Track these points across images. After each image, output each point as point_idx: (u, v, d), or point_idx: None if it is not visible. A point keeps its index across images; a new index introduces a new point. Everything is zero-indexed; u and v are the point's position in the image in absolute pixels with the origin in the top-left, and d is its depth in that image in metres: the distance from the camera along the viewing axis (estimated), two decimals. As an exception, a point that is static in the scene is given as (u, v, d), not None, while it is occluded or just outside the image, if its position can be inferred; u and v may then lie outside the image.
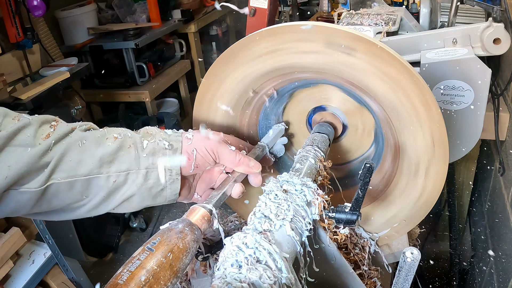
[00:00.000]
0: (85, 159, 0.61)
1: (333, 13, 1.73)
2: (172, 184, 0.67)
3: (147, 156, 0.65)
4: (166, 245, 0.52)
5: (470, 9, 1.25)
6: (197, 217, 0.59)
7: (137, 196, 0.66)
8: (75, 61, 2.46)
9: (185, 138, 0.70)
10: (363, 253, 0.92)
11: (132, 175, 0.64)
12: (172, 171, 0.67)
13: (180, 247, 0.53)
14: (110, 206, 0.66)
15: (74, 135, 0.62)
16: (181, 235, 0.54)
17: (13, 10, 2.07)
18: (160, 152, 0.67)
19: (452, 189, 1.59)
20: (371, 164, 0.69)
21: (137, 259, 0.50)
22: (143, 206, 0.68)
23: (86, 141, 0.62)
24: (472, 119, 0.96)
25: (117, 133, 0.66)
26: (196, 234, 0.57)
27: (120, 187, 0.64)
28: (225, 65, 0.81)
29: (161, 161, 0.66)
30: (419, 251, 0.59)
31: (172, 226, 0.56)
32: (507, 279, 1.16)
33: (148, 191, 0.66)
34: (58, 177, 0.59)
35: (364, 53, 0.69)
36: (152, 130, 0.70)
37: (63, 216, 0.65)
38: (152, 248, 0.52)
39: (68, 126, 0.64)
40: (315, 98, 0.96)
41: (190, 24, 3.36)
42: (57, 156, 0.59)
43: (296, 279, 0.57)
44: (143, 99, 2.86)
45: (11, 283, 1.62)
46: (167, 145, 0.67)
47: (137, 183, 0.65)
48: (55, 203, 0.61)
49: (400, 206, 0.87)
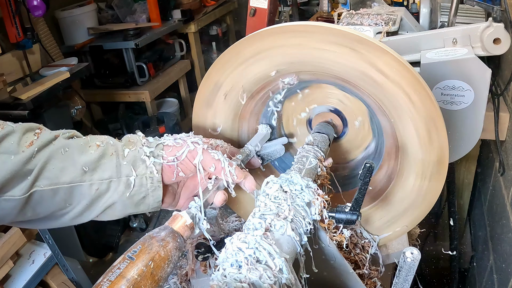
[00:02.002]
0: (67, 167, 0.61)
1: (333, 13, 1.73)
2: (154, 191, 0.67)
3: (127, 164, 0.65)
4: (147, 254, 0.51)
5: (470, 9, 1.25)
6: (180, 224, 0.58)
7: (119, 204, 0.66)
8: (75, 61, 2.46)
9: (166, 146, 0.69)
10: (364, 253, 0.92)
11: (114, 183, 0.64)
12: (153, 179, 0.67)
13: (161, 255, 0.52)
14: (93, 214, 0.66)
15: (57, 143, 0.63)
16: (162, 243, 0.53)
17: (13, 10, 2.07)
18: (140, 160, 0.66)
19: (452, 189, 1.59)
20: (371, 164, 0.69)
21: (117, 268, 0.49)
22: (126, 214, 0.68)
23: (69, 149, 0.62)
24: (472, 119, 0.96)
25: (100, 141, 0.66)
26: (179, 242, 0.56)
27: (102, 195, 0.64)
28: (221, 71, 0.82)
29: (141, 169, 0.66)
30: (419, 251, 0.59)
31: (153, 233, 0.55)
32: (507, 279, 1.16)
33: (130, 199, 0.66)
34: (41, 184, 0.60)
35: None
36: (134, 138, 0.69)
37: (48, 224, 0.66)
38: (132, 256, 0.51)
39: (52, 133, 0.64)
40: (315, 98, 0.96)
41: (190, 24, 3.36)
42: (40, 163, 0.59)
43: (296, 279, 0.57)
44: (143, 99, 2.86)
45: (11, 283, 1.62)
46: (148, 152, 0.67)
47: (119, 191, 0.65)
48: (40, 210, 0.61)
49: (400, 206, 0.87)
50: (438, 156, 0.76)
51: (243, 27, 1.84)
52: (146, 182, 0.66)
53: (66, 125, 2.31)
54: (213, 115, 0.88)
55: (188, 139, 0.71)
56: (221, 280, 0.51)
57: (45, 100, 2.11)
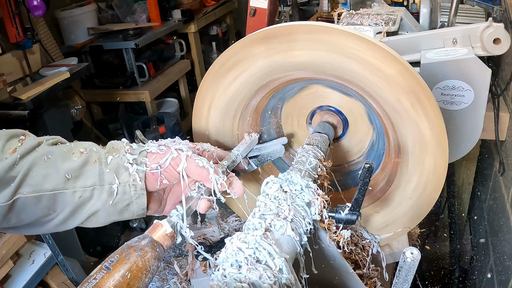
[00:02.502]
0: (50, 174, 0.61)
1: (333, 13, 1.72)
2: (138, 199, 0.67)
3: (110, 171, 0.65)
4: (125, 264, 0.50)
5: (470, 9, 1.25)
6: (160, 233, 0.57)
7: (103, 212, 0.65)
8: (75, 61, 2.46)
9: (150, 153, 0.68)
10: (364, 253, 0.92)
11: (97, 190, 0.64)
12: (136, 187, 0.66)
13: (139, 265, 0.51)
14: (77, 221, 0.66)
15: (40, 150, 0.62)
16: (141, 253, 0.52)
17: (13, 10, 2.07)
18: (123, 167, 0.66)
19: (452, 189, 1.59)
20: (371, 164, 0.69)
21: (93, 279, 0.48)
22: (110, 221, 0.67)
23: (52, 156, 0.62)
24: (472, 119, 0.96)
25: (83, 148, 0.66)
26: (158, 251, 0.54)
27: (86, 202, 0.64)
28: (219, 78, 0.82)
29: (124, 177, 0.65)
30: (419, 251, 0.59)
31: (132, 243, 0.54)
32: (507, 279, 1.16)
33: (114, 207, 0.65)
34: (25, 191, 0.59)
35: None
36: (117, 144, 0.69)
37: (33, 231, 0.65)
38: (109, 266, 0.50)
39: (35, 140, 0.63)
40: (315, 98, 0.96)
41: (190, 24, 3.36)
42: (23, 170, 0.59)
43: (296, 279, 0.57)
44: (143, 99, 2.86)
45: (11, 283, 1.62)
46: (131, 159, 0.66)
47: (102, 198, 0.64)
48: (24, 217, 0.61)
49: (400, 207, 0.87)
50: (438, 155, 0.76)
51: (243, 27, 1.84)
52: (129, 189, 0.65)
53: (66, 125, 2.32)
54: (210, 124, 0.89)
55: (173, 145, 0.70)
56: (221, 280, 0.51)
57: (45, 100, 2.11)
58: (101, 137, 2.95)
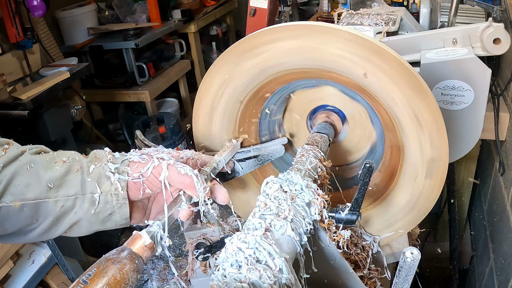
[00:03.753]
0: (32, 183, 0.61)
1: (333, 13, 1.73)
2: (120, 208, 0.66)
3: (92, 180, 0.64)
4: (102, 277, 0.50)
5: (470, 9, 1.25)
6: (139, 245, 0.57)
7: (85, 221, 0.65)
8: (75, 61, 2.46)
9: (132, 162, 0.68)
10: (364, 253, 0.92)
11: (79, 199, 0.64)
12: (118, 196, 0.66)
13: (117, 278, 0.50)
14: (60, 230, 0.65)
15: (23, 159, 0.62)
16: (119, 265, 0.52)
17: (13, 10, 2.07)
18: (105, 176, 0.66)
19: (452, 189, 1.59)
20: (371, 164, 0.69)
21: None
22: (93, 230, 0.67)
23: (34, 165, 0.62)
24: (472, 119, 0.96)
25: (66, 157, 0.65)
26: (137, 263, 0.54)
27: (68, 211, 0.64)
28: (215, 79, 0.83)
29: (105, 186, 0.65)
30: (419, 251, 0.59)
31: (110, 255, 0.53)
32: (507, 279, 1.16)
33: (95, 216, 0.65)
34: (7, 200, 0.59)
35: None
36: (100, 153, 0.69)
37: (17, 240, 0.65)
38: (86, 280, 0.49)
39: (19, 149, 0.64)
40: (315, 98, 0.96)
41: (190, 24, 3.36)
42: (6, 179, 0.59)
43: (296, 279, 0.57)
44: (143, 99, 2.86)
45: (11, 283, 1.62)
46: (113, 169, 0.66)
47: (84, 208, 0.64)
48: (7, 226, 0.61)
49: (400, 207, 0.87)
50: (438, 155, 0.76)
51: (243, 27, 1.83)
52: (111, 199, 0.65)
53: (66, 125, 2.32)
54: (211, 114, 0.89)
55: (155, 154, 0.70)
56: (221, 280, 0.51)
57: (45, 100, 2.11)
58: (101, 137, 2.95)
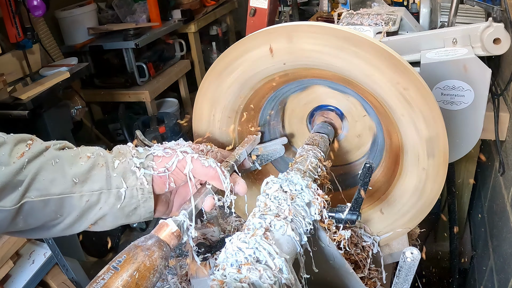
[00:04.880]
0: (57, 178, 0.61)
1: (333, 13, 1.73)
2: (145, 202, 0.67)
3: (117, 175, 0.65)
4: (132, 264, 0.50)
5: (470, 9, 1.25)
6: (166, 233, 0.58)
7: (110, 216, 0.66)
8: (75, 61, 2.46)
9: (156, 157, 0.69)
10: (364, 253, 0.92)
11: (104, 194, 0.64)
12: (144, 190, 0.66)
13: (147, 265, 0.51)
14: (84, 225, 0.66)
15: (47, 154, 0.63)
16: (148, 253, 0.52)
17: (13, 10, 2.07)
18: (131, 171, 0.66)
19: (452, 189, 1.59)
20: (371, 164, 0.69)
21: (101, 279, 0.48)
22: (118, 225, 0.68)
23: (59, 160, 0.63)
24: (472, 119, 0.96)
25: (90, 152, 0.66)
26: (165, 251, 0.55)
27: (93, 206, 0.64)
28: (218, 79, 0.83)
29: (131, 181, 0.66)
30: (419, 251, 0.59)
31: (139, 243, 0.54)
32: (507, 279, 1.16)
33: (121, 211, 0.66)
34: (32, 195, 0.60)
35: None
36: (124, 149, 0.69)
37: (40, 235, 0.65)
38: (117, 267, 0.50)
39: (43, 144, 0.64)
40: (316, 98, 0.96)
41: (190, 24, 3.36)
42: (31, 174, 0.60)
43: (296, 279, 0.57)
44: (143, 99, 2.86)
45: (11, 283, 1.62)
46: (138, 163, 0.67)
47: (109, 202, 0.65)
48: (31, 221, 0.61)
49: (400, 206, 0.87)
50: (438, 155, 0.76)
51: (243, 27, 1.83)
52: (136, 193, 0.66)
53: (66, 125, 2.32)
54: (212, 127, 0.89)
55: (178, 148, 0.71)
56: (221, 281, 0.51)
57: (45, 100, 2.10)
58: (101, 137, 2.95)
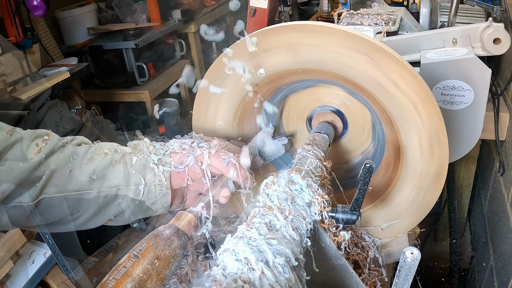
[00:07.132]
0: (75, 175, 0.62)
1: (333, 13, 1.73)
2: (163, 197, 0.68)
3: (136, 172, 0.66)
4: (153, 252, 0.51)
5: (470, 9, 1.25)
6: (184, 222, 0.59)
7: (128, 211, 0.66)
8: (75, 61, 2.46)
9: (173, 153, 0.70)
10: (364, 253, 0.92)
11: (122, 190, 0.65)
12: (162, 186, 0.67)
13: (166, 254, 0.52)
14: (102, 220, 0.66)
15: (65, 150, 0.63)
16: (168, 242, 0.54)
17: (13, 10, 2.07)
18: (149, 168, 0.67)
19: (452, 189, 1.59)
20: (371, 164, 0.69)
21: (123, 267, 0.49)
22: (135, 219, 0.69)
23: (77, 157, 0.63)
24: (472, 119, 0.96)
25: (108, 149, 0.66)
26: (183, 240, 0.56)
27: (110, 202, 0.65)
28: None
29: (150, 177, 0.66)
30: (419, 251, 0.59)
31: (158, 232, 0.55)
32: (507, 279, 1.16)
33: (139, 206, 0.66)
34: (50, 191, 0.60)
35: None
36: (140, 144, 0.70)
37: (56, 229, 0.66)
38: (138, 255, 0.50)
39: (60, 140, 0.64)
40: (317, 98, 0.96)
41: (190, 24, 3.36)
42: (49, 171, 0.60)
43: (296, 279, 0.57)
44: (143, 99, 2.86)
45: (11, 283, 1.62)
46: (156, 160, 0.67)
47: (127, 199, 0.65)
48: (48, 216, 0.62)
49: (400, 207, 0.87)
50: (438, 155, 0.76)
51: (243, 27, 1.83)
52: (154, 189, 0.67)
53: (66, 125, 2.31)
54: (212, 124, 0.89)
55: (194, 144, 0.72)
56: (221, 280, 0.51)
57: (45, 100, 2.10)
58: (101, 137, 2.95)
